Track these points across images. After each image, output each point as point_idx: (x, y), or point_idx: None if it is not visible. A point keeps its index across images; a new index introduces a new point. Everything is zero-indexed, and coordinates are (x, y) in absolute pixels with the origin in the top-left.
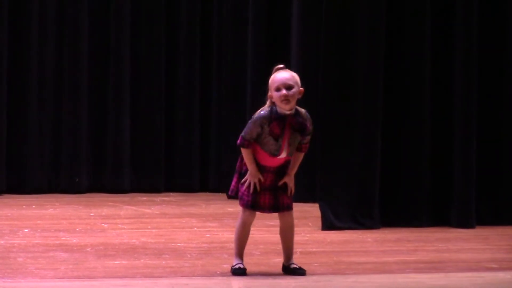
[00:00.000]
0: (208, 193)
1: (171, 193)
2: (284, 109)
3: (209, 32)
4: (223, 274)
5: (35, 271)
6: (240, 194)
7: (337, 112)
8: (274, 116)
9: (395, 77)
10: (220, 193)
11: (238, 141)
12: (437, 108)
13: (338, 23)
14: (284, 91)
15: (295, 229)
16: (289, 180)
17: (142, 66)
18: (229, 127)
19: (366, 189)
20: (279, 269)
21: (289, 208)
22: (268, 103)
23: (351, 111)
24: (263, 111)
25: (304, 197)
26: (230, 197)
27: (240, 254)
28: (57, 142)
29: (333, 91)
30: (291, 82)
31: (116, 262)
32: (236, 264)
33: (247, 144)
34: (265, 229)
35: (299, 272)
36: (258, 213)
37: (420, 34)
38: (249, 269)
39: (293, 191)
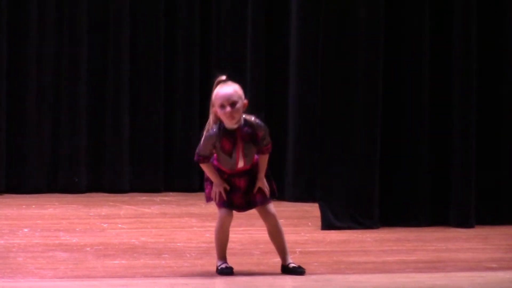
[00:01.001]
0: None
1: (170, 193)
2: (230, 124)
3: (208, 32)
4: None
5: (34, 271)
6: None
7: (337, 111)
8: (223, 133)
9: (394, 77)
10: None
11: (195, 158)
12: (436, 108)
13: (337, 21)
14: (228, 109)
15: (295, 228)
16: (261, 184)
17: (141, 65)
18: None
19: (366, 189)
20: (278, 269)
21: (263, 202)
22: (212, 118)
23: (350, 111)
24: (211, 129)
25: (303, 197)
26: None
27: (222, 256)
28: (56, 142)
29: (332, 91)
30: (235, 98)
31: (115, 262)
32: (221, 264)
33: (202, 159)
34: (265, 229)
35: (299, 271)
36: (256, 213)
37: (419, 34)
38: (249, 268)
39: (268, 192)
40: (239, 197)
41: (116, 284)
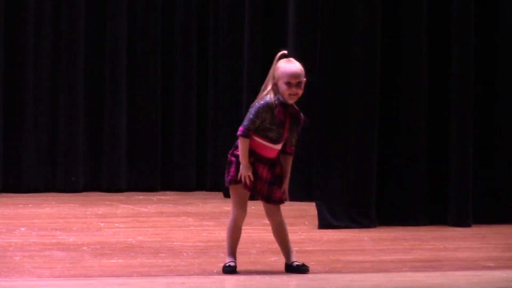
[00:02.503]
0: (204, 192)
1: (167, 192)
2: (290, 100)
3: (205, 32)
4: (219, 273)
5: (31, 270)
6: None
7: (334, 110)
8: (278, 103)
9: (392, 76)
10: (217, 192)
11: (240, 132)
12: (434, 107)
13: (335, 21)
14: (294, 88)
15: (292, 227)
16: (287, 186)
17: (139, 65)
18: (226, 126)
19: (363, 188)
20: (275, 268)
21: (279, 202)
22: (270, 88)
23: (348, 110)
24: (267, 97)
25: (300, 196)
26: (226, 192)
27: (232, 253)
28: (53, 141)
29: (330, 90)
30: (302, 78)
31: (112, 261)
32: (227, 262)
33: (248, 133)
34: (262, 228)
35: (303, 269)
36: (254, 213)
37: (417, 34)
38: (245, 267)
39: (287, 196)
40: (262, 184)
41: (113, 283)
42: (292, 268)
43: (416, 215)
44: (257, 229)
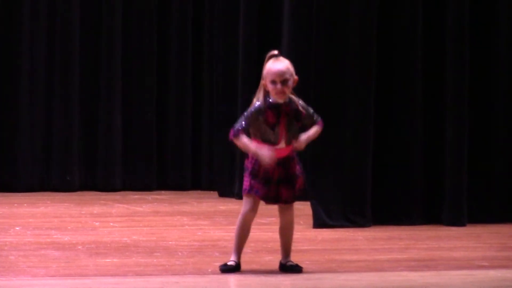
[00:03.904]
0: (200, 191)
1: (163, 191)
2: (278, 99)
3: (200, 33)
4: (214, 272)
5: (26, 269)
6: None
7: (329, 110)
8: (268, 106)
9: (387, 76)
10: (212, 191)
11: (231, 134)
12: (429, 107)
13: (329, 18)
14: (279, 85)
15: None
16: (298, 143)
17: (134, 64)
18: (221, 125)
19: (358, 187)
20: (270, 267)
21: (287, 202)
22: (261, 91)
23: (343, 109)
24: (257, 102)
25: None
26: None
27: (238, 250)
28: (48, 140)
29: (325, 88)
30: (287, 76)
31: (107, 260)
32: (228, 261)
33: (242, 132)
34: (257, 227)
35: (296, 269)
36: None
37: (412, 35)
38: (241, 267)
39: (299, 146)
40: (272, 189)
41: (108, 282)
42: (285, 268)
43: (411, 214)
44: (252, 229)
